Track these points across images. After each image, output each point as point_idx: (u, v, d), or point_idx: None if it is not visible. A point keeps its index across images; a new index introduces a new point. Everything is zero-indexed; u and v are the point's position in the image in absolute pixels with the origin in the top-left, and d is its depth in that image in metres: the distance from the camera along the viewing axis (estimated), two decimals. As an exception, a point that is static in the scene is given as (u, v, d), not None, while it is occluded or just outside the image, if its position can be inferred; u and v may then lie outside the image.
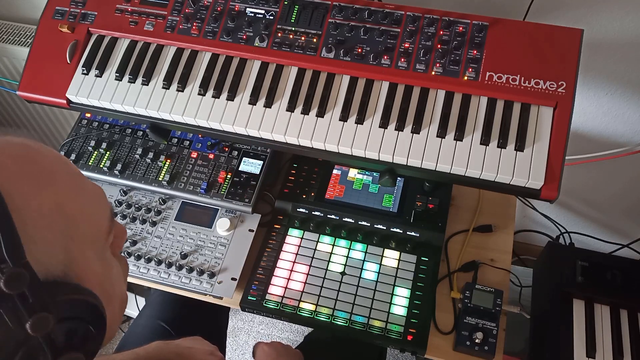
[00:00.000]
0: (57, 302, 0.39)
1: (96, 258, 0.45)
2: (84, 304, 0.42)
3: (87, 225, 0.44)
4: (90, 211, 0.45)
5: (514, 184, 0.88)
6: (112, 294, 0.47)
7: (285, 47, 0.99)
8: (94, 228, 0.45)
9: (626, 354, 1.03)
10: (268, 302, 1.02)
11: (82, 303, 0.41)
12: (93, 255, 0.45)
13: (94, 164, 1.15)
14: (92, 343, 0.43)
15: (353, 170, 1.16)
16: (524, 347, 1.42)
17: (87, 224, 0.44)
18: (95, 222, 0.45)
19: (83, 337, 0.42)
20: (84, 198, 0.44)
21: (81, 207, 0.43)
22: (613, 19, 1.07)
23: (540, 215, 1.48)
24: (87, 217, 0.44)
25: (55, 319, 0.38)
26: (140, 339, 1.12)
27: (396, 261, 1.05)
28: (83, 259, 0.43)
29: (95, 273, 0.44)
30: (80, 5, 1.07)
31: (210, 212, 1.11)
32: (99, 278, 0.45)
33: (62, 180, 0.42)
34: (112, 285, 0.48)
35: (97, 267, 0.45)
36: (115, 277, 0.49)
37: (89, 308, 0.42)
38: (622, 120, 1.28)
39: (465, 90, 0.92)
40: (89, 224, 0.44)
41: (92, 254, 0.44)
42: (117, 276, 0.50)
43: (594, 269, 1.12)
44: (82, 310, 0.41)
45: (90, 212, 0.45)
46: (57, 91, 1.03)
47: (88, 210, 0.44)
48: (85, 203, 0.44)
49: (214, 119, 0.97)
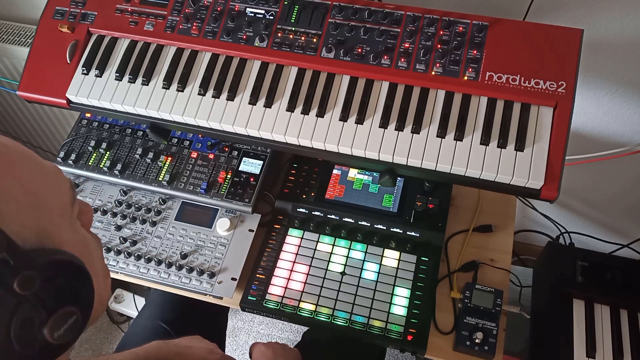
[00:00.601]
0: (39, 264, 0.41)
1: (68, 227, 0.48)
2: (65, 263, 0.44)
3: (51, 198, 0.46)
4: (51, 185, 0.47)
5: (514, 184, 0.88)
6: (92, 264, 0.49)
7: (285, 47, 0.99)
8: (57, 199, 0.47)
9: (626, 354, 1.03)
10: (268, 302, 1.02)
11: (64, 263, 0.44)
12: (65, 224, 0.47)
13: (94, 164, 1.15)
14: (83, 299, 0.45)
15: (353, 170, 1.16)
16: (524, 347, 1.42)
17: (50, 197, 0.46)
18: (59, 195, 0.48)
19: (73, 294, 0.44)
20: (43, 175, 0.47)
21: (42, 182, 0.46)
22: (613, 19, 1.07)
23: (540, 215, 1.48)
24: (49, 190, 0.46)
25: (40, 277, 0.40)
26: (140, 339, 1.12)
27: (396, 261, 1.05)
28: (56, 229, 0.45)
29: (70, 242, 0.47)
30: (80, 5, 1.07)
31: (210, 212, 1.11)
32: (75, 247, 0.47)
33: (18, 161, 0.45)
34: (90, 255, 0.50)
35: (70, 236, 0.48)
36: (93, 249, 0.52)
37: (71, 266, 0.44)
38: (622, 120, 1.28)
39: (465, 90, 0.92)
40: (52, 197, 0.47)
41: (63, 226, 0.47)
42: (95, 249, 0.53)
43: (594, 269, 1.12)
44: (65, 269, 0.44)
45: (51, 185, 0.47)
46: (57, 91, 1.03)
47: (49, 184, 0.47)
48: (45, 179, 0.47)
49: (214, 119, 0.97)
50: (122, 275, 1.07)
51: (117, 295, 1.87)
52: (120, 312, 1.89)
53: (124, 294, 1.87)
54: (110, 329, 1.94)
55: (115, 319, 1.93)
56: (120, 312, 1.90)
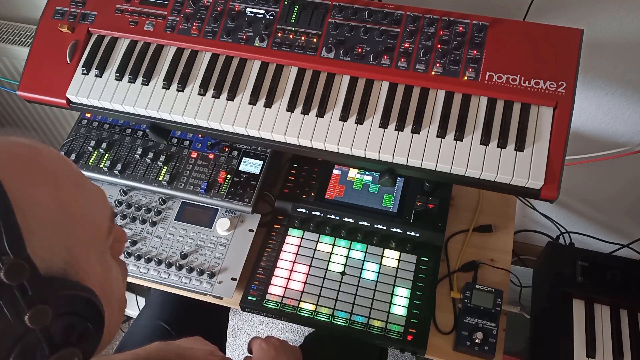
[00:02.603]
0: (56, 297, 0.39)
1: (96, 258, 0.45)
2: (83, 300, 0.42)
3: (88, 224, 0.44)
4: (91, 211, 0.45)
5: (514, 184, 0.88)
6: (111, 296, 0.47)
7: (285, 47, 0.99)
8: (94, 228, 0.45)
9: (626, 354, 1.03)
10: (268, 302, 1.02)
11: (82, 300, 0.42)
12: (93, 255, 0.45)
13: (94, 164, 1.15)
14: (90, 341, 0.43)
15: (353, 170, 1.16)
16: (524, 347, 1.42)
17: (88, 223, 0.44)
18: (96, 222, 0.46)
19: (81, 333, 0.42)
20: (85, 198, 0.44)
21: (82, 206, 0.44)
22: (613, 19, 1.07)
23: (540, 215, 1.48)
24: (88, 216, 0.44)
25: (54, 313, 0.38)
26: (140, 339, 1.12)
27: (396, 261, 1.05)
28: (83, 258, 0.43)
29: (95, 273, 0.45)
30: (80, 5, 1.07)
31: (210, 212, 1.11)
32: (98, 279, 0.45)
33: (64, 179, 0.43)
34: (111, 287, 0.48)
35: (97, 267, 0.45)
36: (114, 279, 0.49)
37: (88, 305, 0.42)
38: (622, 120, 1.28)
39: (465, 90, 0.92)
40: (89, 224, 0.44)
41: (92, 254, 0.45)
42: (117, 278, 0.50)
43: (594, 269, 1.12)
44: (81, 307, 0.42)
45: (91, 212, 0.45)
46: (57, 91, 1.03)
47: (89, 210, 0.45)
48: (86, 203, 0.44)
49: (214, 119, 0.97)
50: (122, 275, 1.07)
51: (117, 295, 1.86)
52: (121, 312, 1.89)
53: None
54: (110, 329, 1.94)
55: (115, 319, 1.93)
56: (121, 312, 1.89)
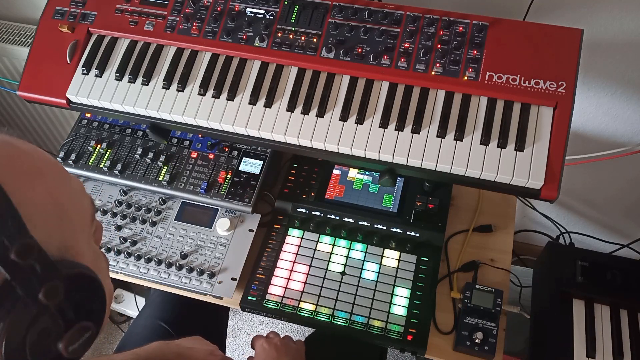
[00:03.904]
0: (64, 276, 0.41)
1: (86, 243, 0.48)
2: (86, 277, 0.44)
3: (75, 212, 0.47)
4: (76, 199, 0.48)
5: (514, 184, 0.88)
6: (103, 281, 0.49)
7: (285, 47, 0.99)
8: (82, 214, 0.48)
9: (626, 354, 1.03)
10: (268, 302, 1.02)
11: (85, 277, 0.44)
12: (83, 240, 0.48)
13: (94, 164, 1.15)
14: (97, 315, 0.46)
15: (353, 170, 1.16)
16: (524, 347, 1.42)
17: (75, 210, 0.47)
18: (82, 209, 0.48)
19: (89, 308, 0.45)
20: (69, 188, 0.47)
21: (68, 195, 0.46)
22: (613, 19, 1.07)
23: (540, 215, 1.48)
24: (74, 204, 0.47)
25: (64, 289, 0.40)
26: (140, 339, 1.12)
27: (396, 261, 1.05)
28: (76, 243, 0.45)
29: (87, 257, 0.47)
30: (80, 5, 1.07)
31: (210, 212, 1.11)
32: (91, 263, 0.47)
33: (49, 172, 0.45)
34: (100, 273, 0.50)
35: (87, 252, 0.48)
36: (102, 267, 0.52)
37: (91, 281, 0.45)
38: (622, 120, 1.28)
39: (465, 90, 0.92)
40: (76, 211, 0.47)
41: (82, 240, 0.47)
42: (104, 267, 0.53)
43: (594, 269, 1.12)
44: (85, 283, 0.44)
45: (76, 199, 0.48)
46: (57, 91, 1.03)
47: (74, 198, 0.47)
48: (71, 192, 0.47)
49: (214, 119, 0.97)
50: (122, 275, 1.07)
51: (117, 295, 1.87)
52: (121, 312, 1.89)
53: (124, 294, 1.87)
54: (111, 329, 1.94)
55: (116, 319, 1.93)
56: (121, 312, 1.90)
